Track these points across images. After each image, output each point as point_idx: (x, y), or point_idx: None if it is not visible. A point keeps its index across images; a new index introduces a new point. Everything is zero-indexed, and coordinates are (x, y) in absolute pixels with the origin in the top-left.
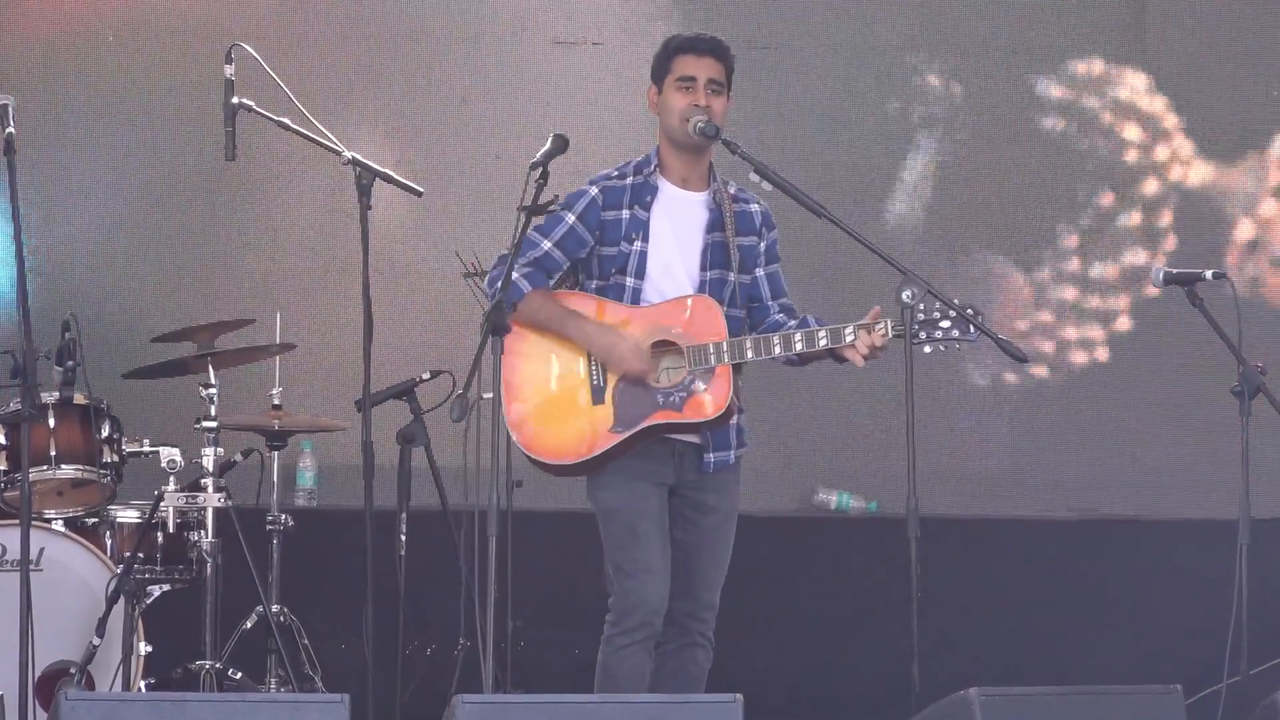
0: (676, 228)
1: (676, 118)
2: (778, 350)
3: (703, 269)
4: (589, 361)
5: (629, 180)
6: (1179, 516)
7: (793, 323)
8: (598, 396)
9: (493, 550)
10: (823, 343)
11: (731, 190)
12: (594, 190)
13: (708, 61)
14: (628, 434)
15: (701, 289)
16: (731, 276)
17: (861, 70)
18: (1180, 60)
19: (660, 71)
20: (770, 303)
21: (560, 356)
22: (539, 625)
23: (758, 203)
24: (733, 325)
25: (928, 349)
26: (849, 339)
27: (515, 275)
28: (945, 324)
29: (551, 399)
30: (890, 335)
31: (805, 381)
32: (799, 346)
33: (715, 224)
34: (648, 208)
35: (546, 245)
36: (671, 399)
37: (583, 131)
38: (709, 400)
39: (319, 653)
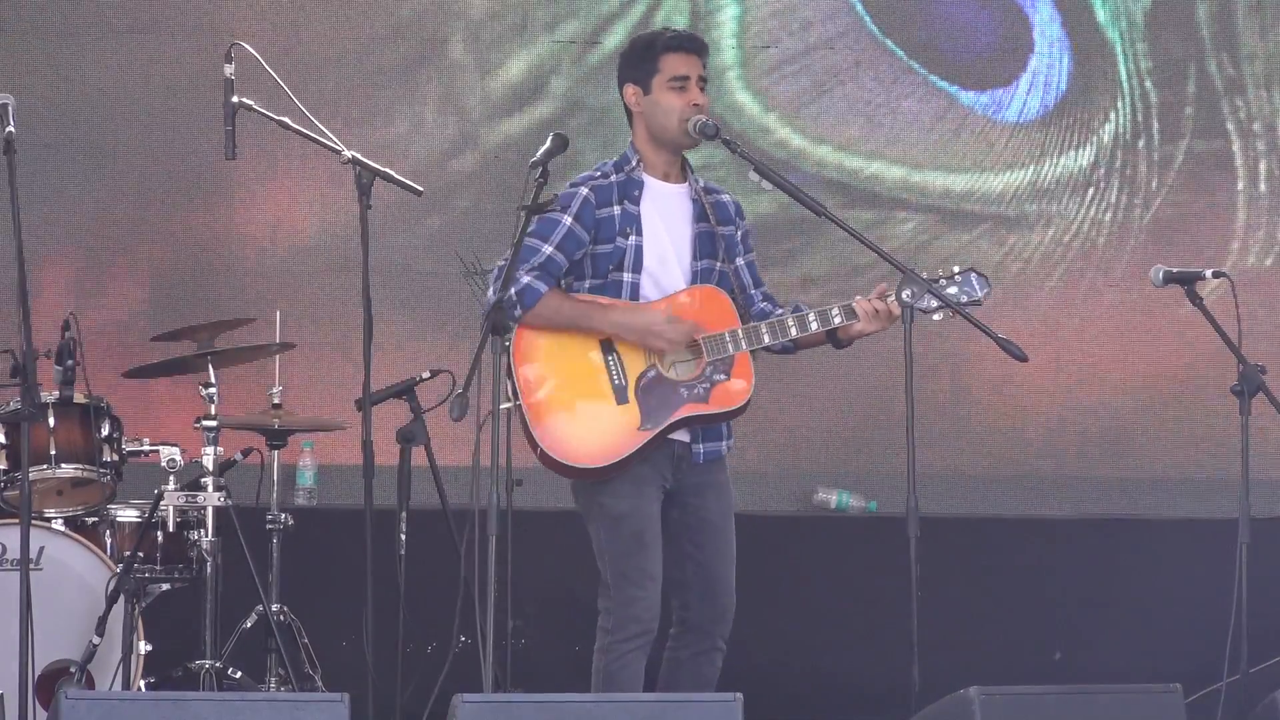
0: (666, 220)
1: (675, 119)
2: (794, 332)
3: (694, 259)
4: (607, 361)
5: (613, 178)
6: (1179, 516)
7: (780, 309)
8: (620, 396)
9: (493, 550)
10: (837, 319)
11: (701, 184)
12: (585, 190)
13: (694, 59)
14: (657, 430)
15: (694, 279)
16: (719, 265)
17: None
18: None
19: (644, 71)
20: (753, 291)
21: (577, 359)
22: (539, 624)
23: (728, 194)
24: None
25: (936, 316)
26: (859, 312)
27: (527, 279)
28: (951, 290)
29: (575, 402)
30: (897, 307)
31: (805, 380)
32: (814, 325)
33: (699, 215)
34: (637, 202)
35: (548, 249)
36: (696, 391)
37: (582, 131)
38: (735, 388)
39: (319, 652)
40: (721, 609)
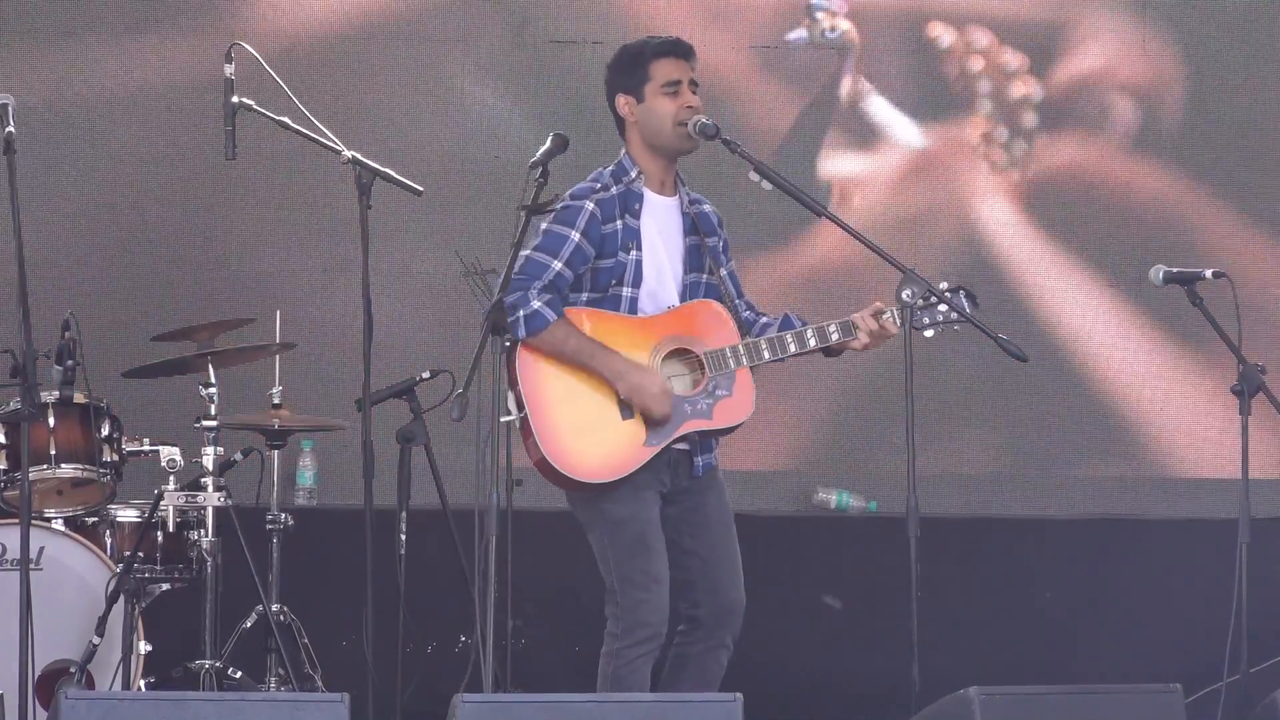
0: (663, 234)
1: (670, 123)
2: (793, 349)
3: (685, 273)
4: None
5: (613, 190)
6: (1179, 516)
7: (766, 317)
8: (626, 412)
9: (493, 550)
10: (835, 337)
11: (688, 195)
12: (590, 205)
13: (683, 63)
14: (661, 446)
15: (684, 293)
16: (705, 278)
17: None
18: None
19: (635, 79)
20: (737, 301)
21: (583, 374)
22: (539, 624)
23: (709, 204)
24: None
25: (929, 333)
26: (856, 331)
27: (537, 305)
28: (944, 307)
29: (581, 417)
30: (898, 324)
31: (804, 381)
32: (813, 342)
33: (689, 228)
34: (637, 215)
35: (558, 265)
36: (699, 406)
37: (583, 131)
38: (737, 404)
39: (319, 652)
40: (730, 605)
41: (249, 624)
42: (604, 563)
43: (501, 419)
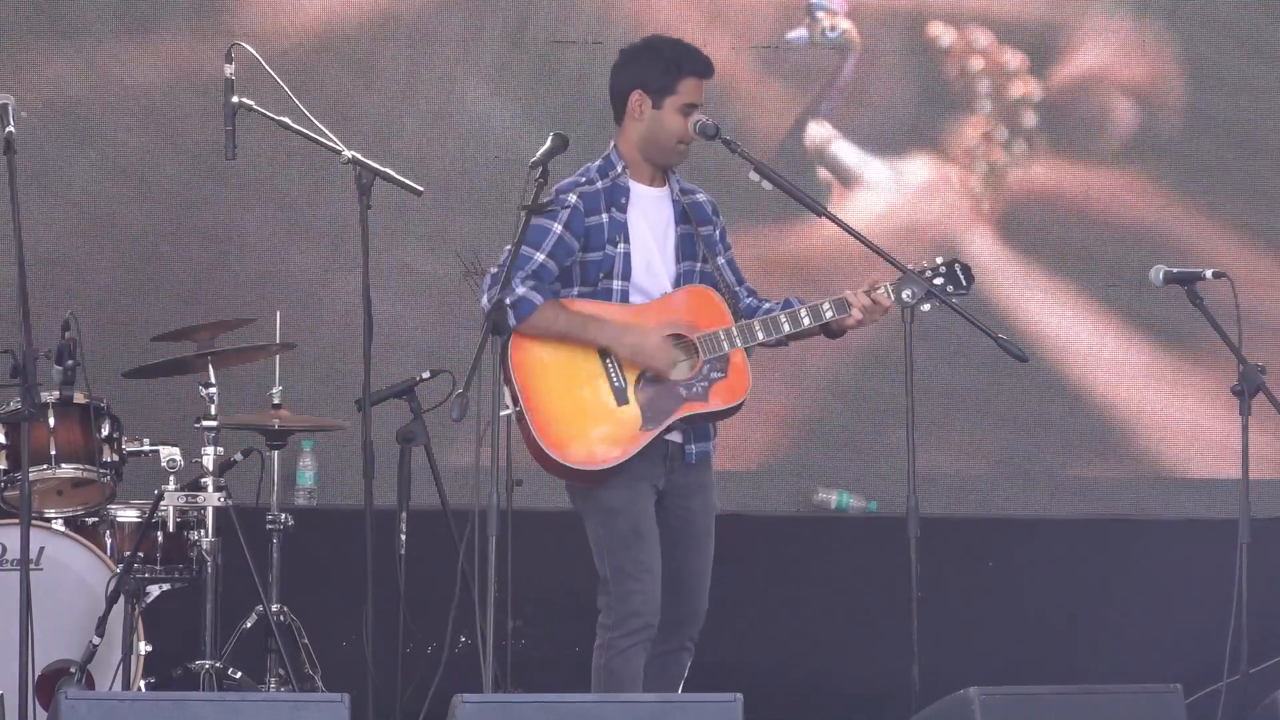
0: (651, 225)
1: (674, 140)
2: (787, 328)
3: (676, 262)
4: (606, 364)
5: (599, 184)
6: (1179, 516)
7: (768, 303)
8: (621, 397)
9: (493, 550)
10: (829, 315)
11: (679, 185)
12: (573, 198)
13: (704, 86)
14: (658, 430)
15: (677, 281)
16: (699, 266)
17: None
18: None
19: (659, 86)
20: (738, 288)
21: (576, 363)
22: (539, 624)
23: (703, 192)
24: None
25: (925, 307)
26: (850, 307)
27: (522, 290)
28: (938, 282)
29: (576, 406)
30: (892, 298)
31: (804, 380)
32: (806, 321)
33: (680, 217)
34: (624, 209)
35: (540, 257)
36: (694, 390)
37: (583, 131)
38: (733, 386)
39: (319, 653)
40: (694, 610)
41: (249, 624)
42: (598, 552)
43: (500, 413)
